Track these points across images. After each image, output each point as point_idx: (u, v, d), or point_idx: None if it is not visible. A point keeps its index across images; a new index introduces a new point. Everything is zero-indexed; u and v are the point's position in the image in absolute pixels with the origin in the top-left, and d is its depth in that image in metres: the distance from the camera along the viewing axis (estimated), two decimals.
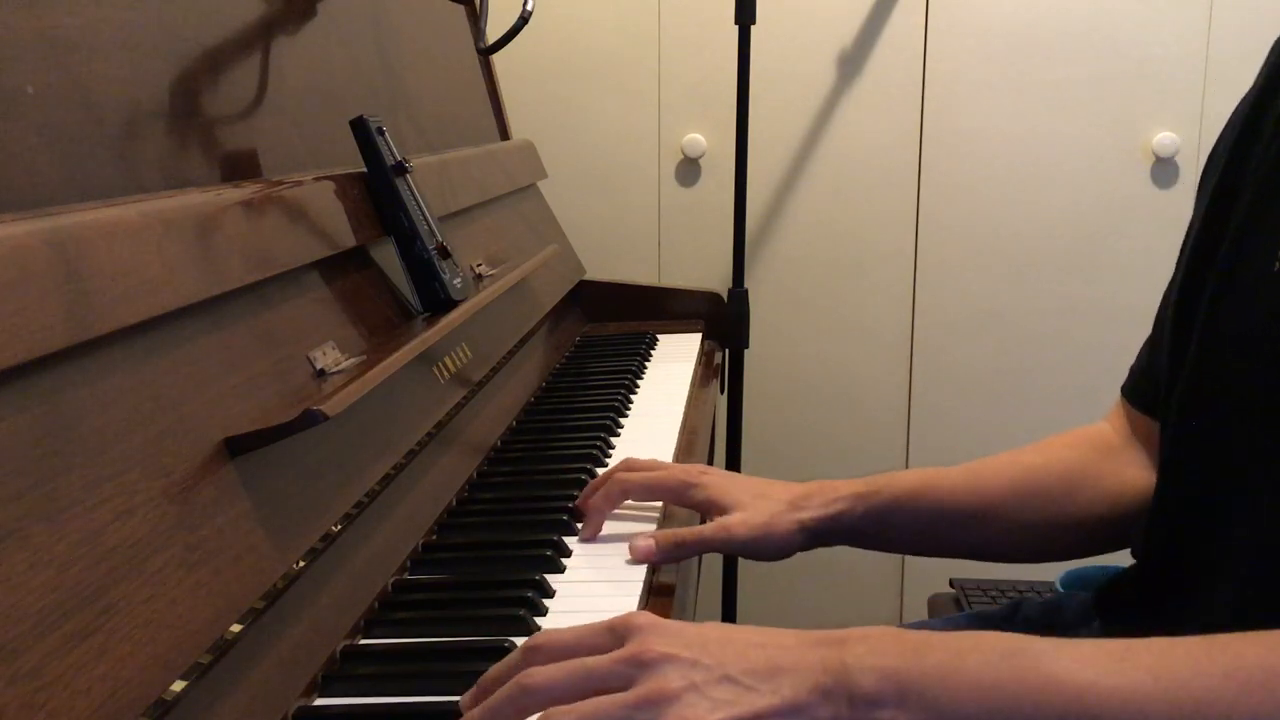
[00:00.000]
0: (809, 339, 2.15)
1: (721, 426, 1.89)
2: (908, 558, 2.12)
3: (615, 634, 0.60)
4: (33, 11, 0.69)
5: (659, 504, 0.97)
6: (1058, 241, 2.08)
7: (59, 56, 0.70)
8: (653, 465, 0.96)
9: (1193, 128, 2.00)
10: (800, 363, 2.16)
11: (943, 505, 0.91)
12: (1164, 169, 2.03)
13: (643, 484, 0.93)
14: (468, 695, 0.62)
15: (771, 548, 0.89)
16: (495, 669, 0.62)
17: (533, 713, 0.57)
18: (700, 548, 0.89)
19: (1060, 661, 0.55)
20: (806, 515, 0.89)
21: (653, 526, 0.94)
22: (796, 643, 0.59)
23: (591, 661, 0.58)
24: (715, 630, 0.60)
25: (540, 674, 0.58)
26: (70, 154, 0.70)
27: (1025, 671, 0.55)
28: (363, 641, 0.74)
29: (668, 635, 0.59)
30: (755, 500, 0.89)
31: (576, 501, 0.95)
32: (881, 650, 0.57)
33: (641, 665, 0.57)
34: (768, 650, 0.58)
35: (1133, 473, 0.90)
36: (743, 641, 0.59)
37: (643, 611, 0.63)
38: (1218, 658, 0.54)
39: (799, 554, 0.90)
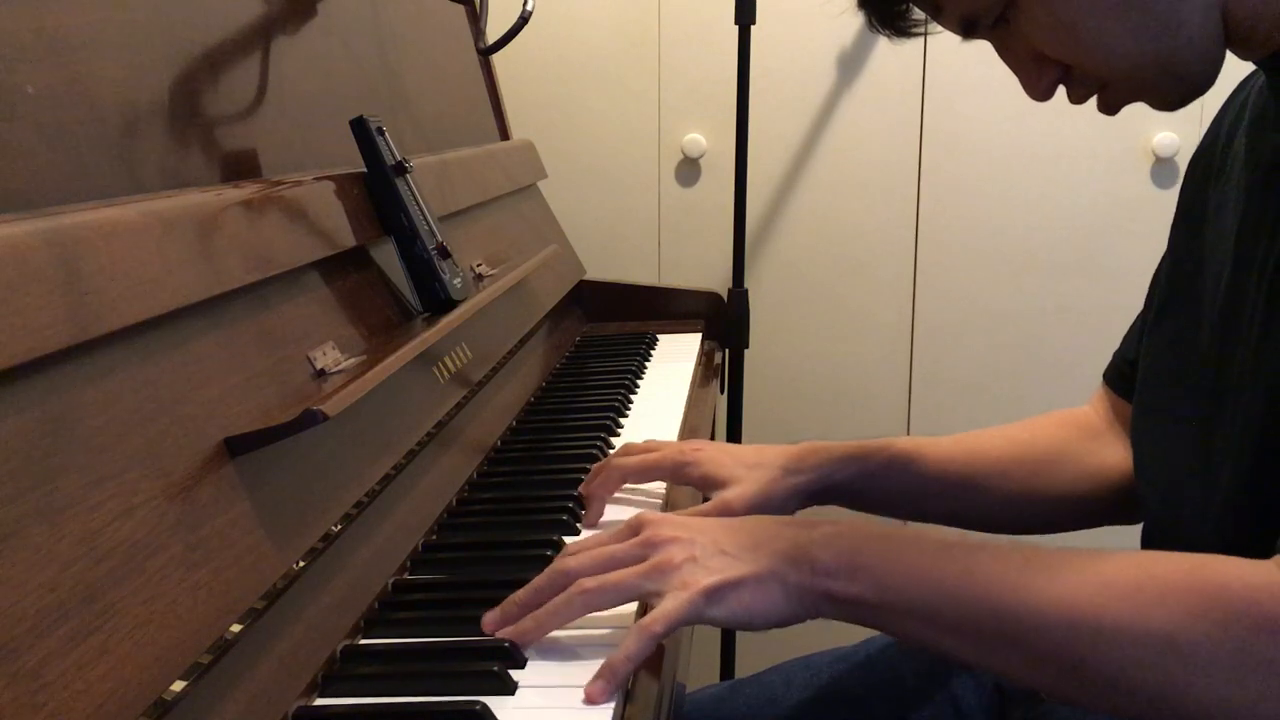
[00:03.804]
0: (809, 339, 2.15)
1: (721, 426, 1.89)
2: None
3: (632, 529, 0.75)
4: (33, 11, 0.69)
5: (661, 487, 1.00)
6: (1058, 241, 2.08)
7: (59, 56, 0.70)
8: (649, 447, 0.99)
9: (1193, 128, 2.00)
10: (800, 363, 2.16)
11: (931, 472, 0.96)
12: (1164, 169, 2.03)
13: (639, 467, 0.97)
14: (494, 611, 0.74)
15: (770, 514, 0.92)
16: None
17: (567, 588, 0.71)
18: None
19: (979, 559, 0.67)
20: (800, 479, 0.94)
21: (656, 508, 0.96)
22: (775, 524, 0.74)
23: (611, 548, 0.73)
24: (713, 519, 0.75)
25: (574, 560, 0.73)
26: (70, 154, 0.70)
27: (950, 563, 0.67)
28: (363, 641, 0.74)
29: (673, 523, 0.74)
30: (750, 471, 0.94)
31: (580, 488, 0.97)
32: (841, 534, 0.71)
33: (652, 545, 0.72)
34: (752, 531, 0.73)
35: (1112, 454, 0.95)
36: (731, 525, 0.74)
37: (650, 510, 0.79)
38: (1100, 569, 0.64)
39: None
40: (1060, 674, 0.64)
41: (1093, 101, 0.77)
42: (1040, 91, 0.76)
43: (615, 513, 0.94)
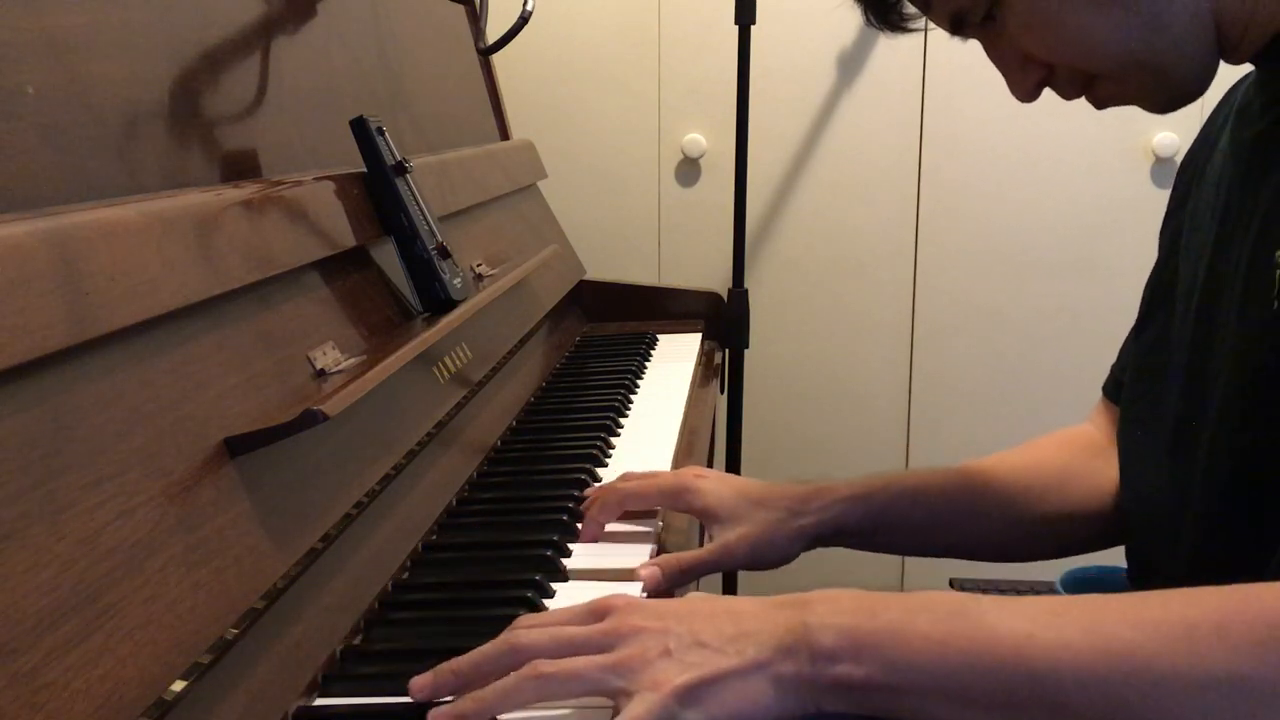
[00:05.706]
0: (809, 339, 2.15)
1: (721, 426, 1.89)
2: (908, 561, 2.12)
3: (595, 614, 0.65)
4: (33, 11, 0.69)
5: (656, 511, 0.96)
6: (1058, 241, 2.08)
7: (59, 56, 0.70)
8: (648, 476, 0.95)
9: (1193, 127, 1.99)
10: (800, 363, 2.16)
11: (938, 506, 0.92)
12: (1164, 169, 2.03)
13: (637, 491, 0.92)
14: (426, 676, 0.64)
15: (773, 558, 0.89)
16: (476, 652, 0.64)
17: (516, 669, 0.61)
18: (704, 570, 0.87)
19: (1002, 617, 0.59)
20: (806, 521, 0.88)
21: (650, 532, 0.93)
22: (762, 608, 0.63)
23: (573, 630, 0.63)
24: (688, 604, 0.65)
25: (526, 635, 0.63)
26: (70, 154, 0.70)
27: (970, 628, 0.59)
28: (362, 642, 0.74)
29: (643, 610, 0.64)
30: (753, 510, 0.88)
31: (581, 506, 0.94)
32: (840, 610, 0.61)
33: (619, 636, 0.62)
34: (735, 616, 0.63)
35: (1117, 470, 0.90)
36: (712, 610, 0.64)
37: (620, 594, 0.67)
38: (1145, 612, 0.56)
39: (800, 558, 0.90)
40: None
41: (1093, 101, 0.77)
42: (1025, 91, 0.76)
43: (610, 529, 0.93)
